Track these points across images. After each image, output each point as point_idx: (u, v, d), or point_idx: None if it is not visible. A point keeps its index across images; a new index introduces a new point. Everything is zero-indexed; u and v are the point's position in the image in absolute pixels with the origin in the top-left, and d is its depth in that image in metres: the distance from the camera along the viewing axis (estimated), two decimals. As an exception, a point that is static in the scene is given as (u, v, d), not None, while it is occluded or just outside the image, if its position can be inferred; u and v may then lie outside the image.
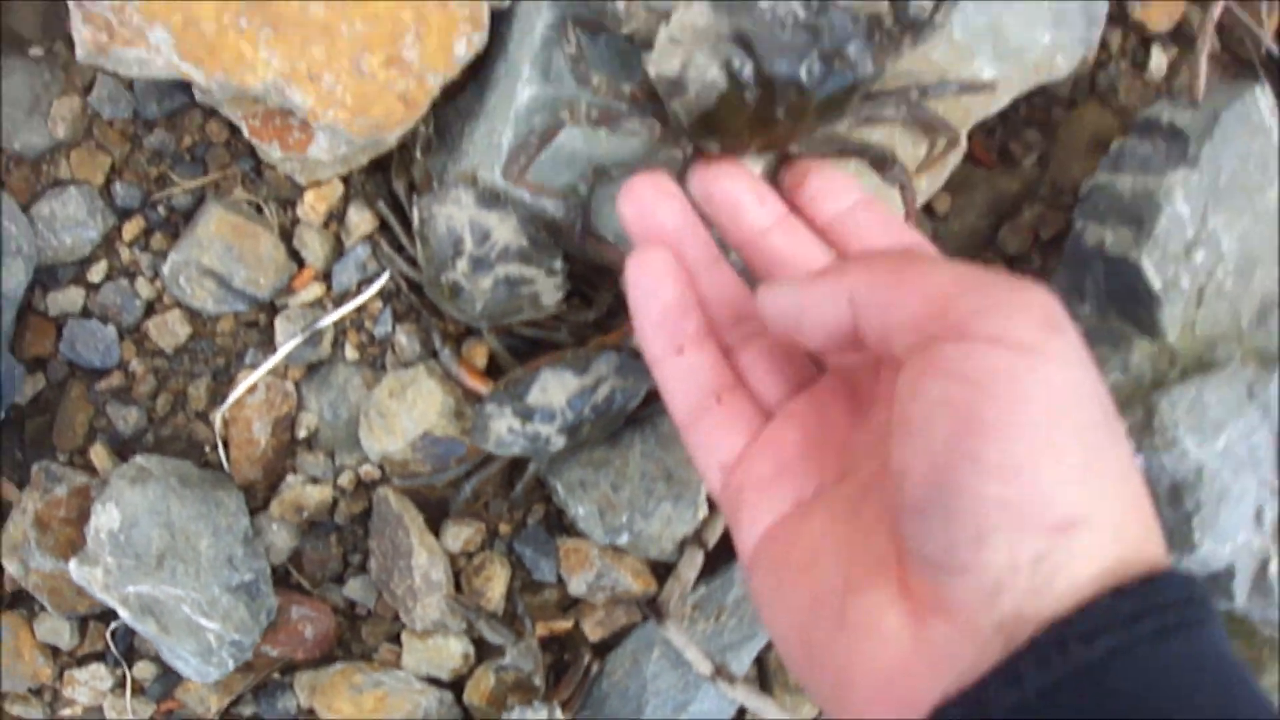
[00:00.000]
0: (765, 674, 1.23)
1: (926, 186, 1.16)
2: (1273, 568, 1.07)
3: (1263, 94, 1.12)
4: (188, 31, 0.99)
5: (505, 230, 1.05)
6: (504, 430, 1.06)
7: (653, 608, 1.14)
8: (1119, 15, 1.26)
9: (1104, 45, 1.28)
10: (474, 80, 1.08)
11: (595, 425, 1.08)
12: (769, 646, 1.20)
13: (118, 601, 1.12)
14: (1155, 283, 1.05)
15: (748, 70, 0.93)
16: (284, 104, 1.03)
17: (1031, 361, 0.56)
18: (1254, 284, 1.09)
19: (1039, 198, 1.26)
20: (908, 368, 0.61)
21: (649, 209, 0.82)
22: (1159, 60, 1.27)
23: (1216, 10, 1.19)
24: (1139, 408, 1.03)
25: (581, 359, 1.04)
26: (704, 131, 0.98)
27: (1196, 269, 1.07)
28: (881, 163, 1.09)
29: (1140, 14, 1.26)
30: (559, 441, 1.07)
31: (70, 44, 1.09)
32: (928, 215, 1.24)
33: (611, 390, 1.06)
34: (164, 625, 1.12)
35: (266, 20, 0.99)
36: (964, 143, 1.15)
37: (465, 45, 1.04)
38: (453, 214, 1.06)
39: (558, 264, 1.07)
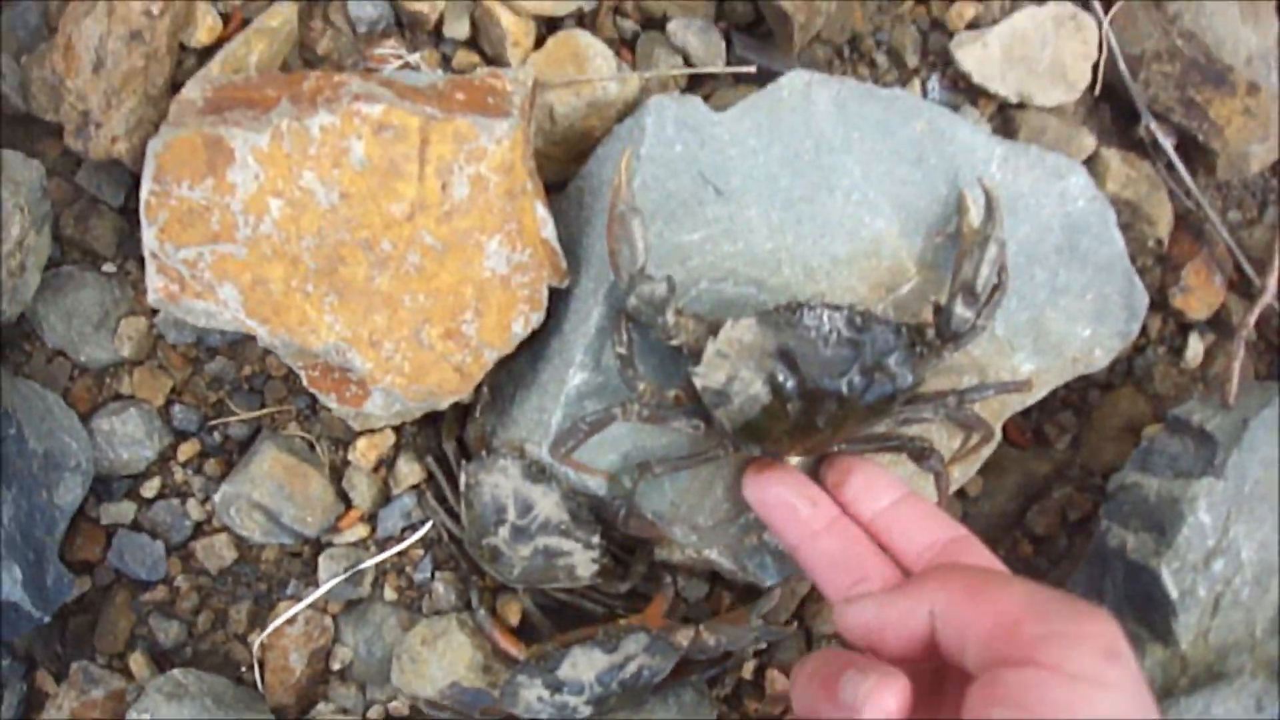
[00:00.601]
0: None
1: (959, 475, 1.19)
2: None
3: (1294, 395, 1.14)
4: (255, 290, 1.05)
5: (547, 504, 1.10)
6: (533, 699, 1.10)
7: None
8: (1158, 301, 1.30)
9: (1143, 331, 1.31)
10: (528, 348, 1.13)
11: (622, 698, 1.11)
12: None
13: (144, 814, 1.16)
14: (1173, 592, 1.07)
15: (791, 384, 0.98)
16: (344, 364, 1.09)
17: (1088, 692, 0.62)
18: (1271, 593, 1.10)
19: (1069, 479, 1.29)
20: (974, 692, 0.67)
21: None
22: (1196, 348, 1.31)
23: (1256, 311, 1.22)
24: None
25: (612, 637, 1.08)
26: (747, 437, 1.03)
27: (1215, 578, 1.09)
28: (919, 454, 1.13)
29: (1179, 301, 1.29)
30: (585, 711, 1.11)
31: (143, 265, 1.17)
32: (959, 498, 1.28)
33: (639, 668, 1.10)
34: None
35: (333, 287, 1.05)
36: (998, 435, 1.18)
37: (523, 323, 1.09)
38: (499, 483, 1.11)
39: (595, 539, 1.11)
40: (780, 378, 0.98)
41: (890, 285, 1.10)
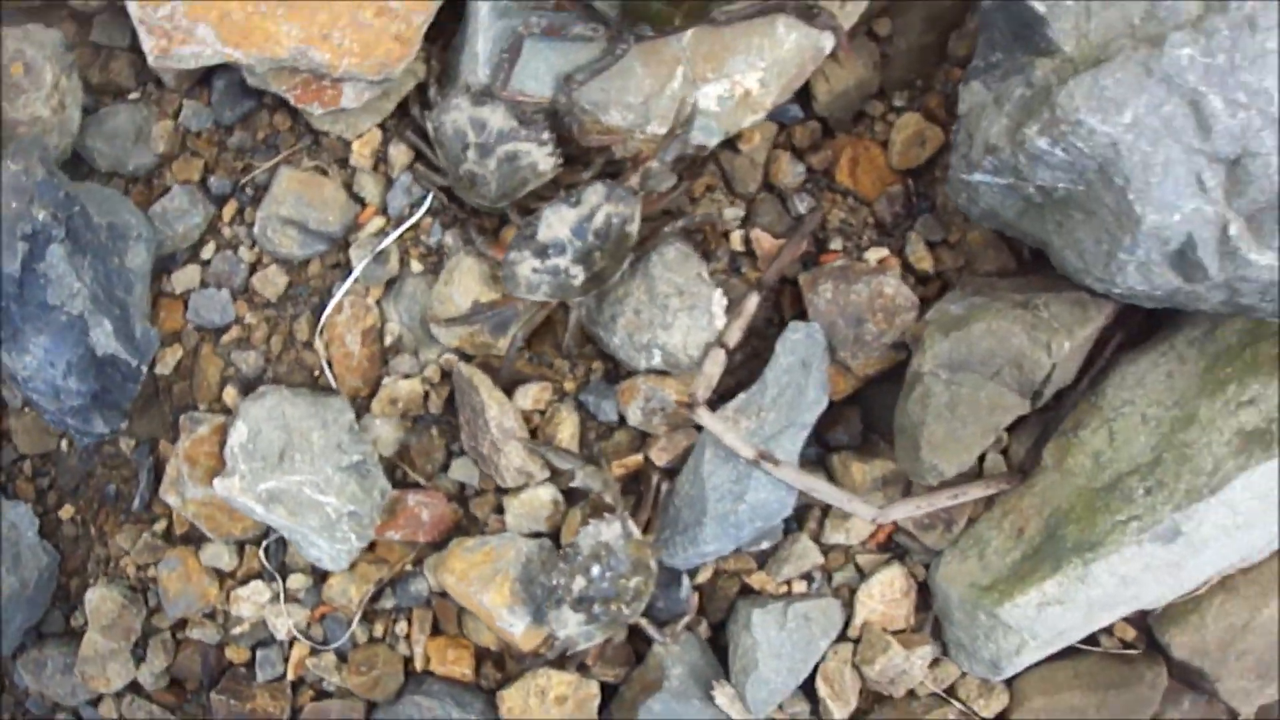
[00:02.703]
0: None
1: (851, 10, 1.46)
2: (1233, 229, 1.27)
3: None
4: (224, 23, 1.41)
5: (497, 117, 1.42)
6: (529, 272, 1.39)
7: (687, 404, 1.43)
8: None
9: None
10: (459, 26, 1.47)
11: (604, 252, 1.40)
12: (827, 431, 1.46)
13: (254, 501, 1.48)
14: (1039, 7, 1.31)
15: None
16: (310, 66, 1.44)
17: None
18: None
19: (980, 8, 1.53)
20: None
21: None
22: None
23: None
24: (1044, 109, 1.27)
25: (573, 194, 1.38)
26: (634, 18, 1.34)
27: None
28: (806, 12, 1.42)
29: None
30: (578, 273, 1.40)
31: (159, 83, 1.54)
32: (871, 39, 1.54)
33: (607, 216, 1.39)
34: (291, 510, 1.47)
35: (280, 1, 1.41)
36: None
37: (438, -18, 1.42)
38: (456, 117, 1.43)
39: (545, 134, 1.42)
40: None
41: None
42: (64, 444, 1.70)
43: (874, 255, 1.50)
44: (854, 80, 1.51)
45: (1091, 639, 1.53)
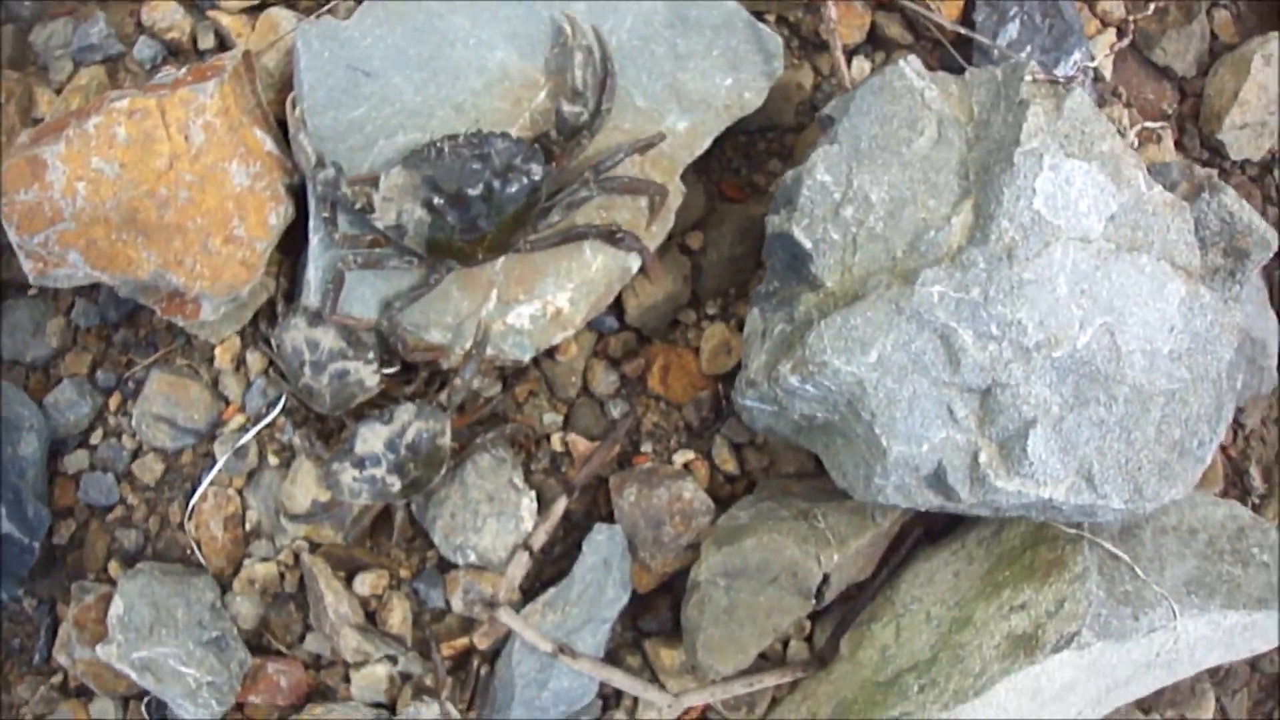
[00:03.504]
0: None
1: (658, 231, 1.61)
2: (983, 457, 1.40)
3: (908, 63, 1.49)
4: (90, 250, 1.61)
5: (328, 339, 1.60)
6: (350, 480, 1.57)
7: (490, 603, 1.60)
8: (815, 41, 1.67)
9: (817, 70, 1.69)
10: (304, 249, 1.65)
11: (418, 463, 1.57)
12: (641, 619, 1.62)
13: (128, 667, 1.68)
14: (806, 243, 1.44)
15: (440, 200, 1.47)
16: (169, 286, 1.63)
17: None
18: (903, 221, 1.43)
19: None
20: None
21: None
22: (862, 68, 1.68)
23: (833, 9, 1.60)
24: (797, 348, 1.41)
25: (386, 412, 1.56)
26: (439, 254, 1.51)
27: (847, 222, 1.44)
28: (609, 236, 1.57)
29: (832, 32, 1.65)
30: (394, 482, 1.57)
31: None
32: (683, 253, 1.69)
33: (418, 432, 1.56)
34: (159, 677, 1.67)
35: (139, 230, 1.60)
36: (679, 186, 1.60)
37: (276, 216, 1.61)
38: (294, 336, 1.61)
39: (370, 354, 1.60)
40: (433, 199, 1.47)
41: (529, 98, 1.57)
42: (-28, 604, 1.91)
43: (680, 458, 1.65)
44: (663, 294, 1.66)
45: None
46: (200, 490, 1.74)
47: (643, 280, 1.66)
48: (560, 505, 1.64)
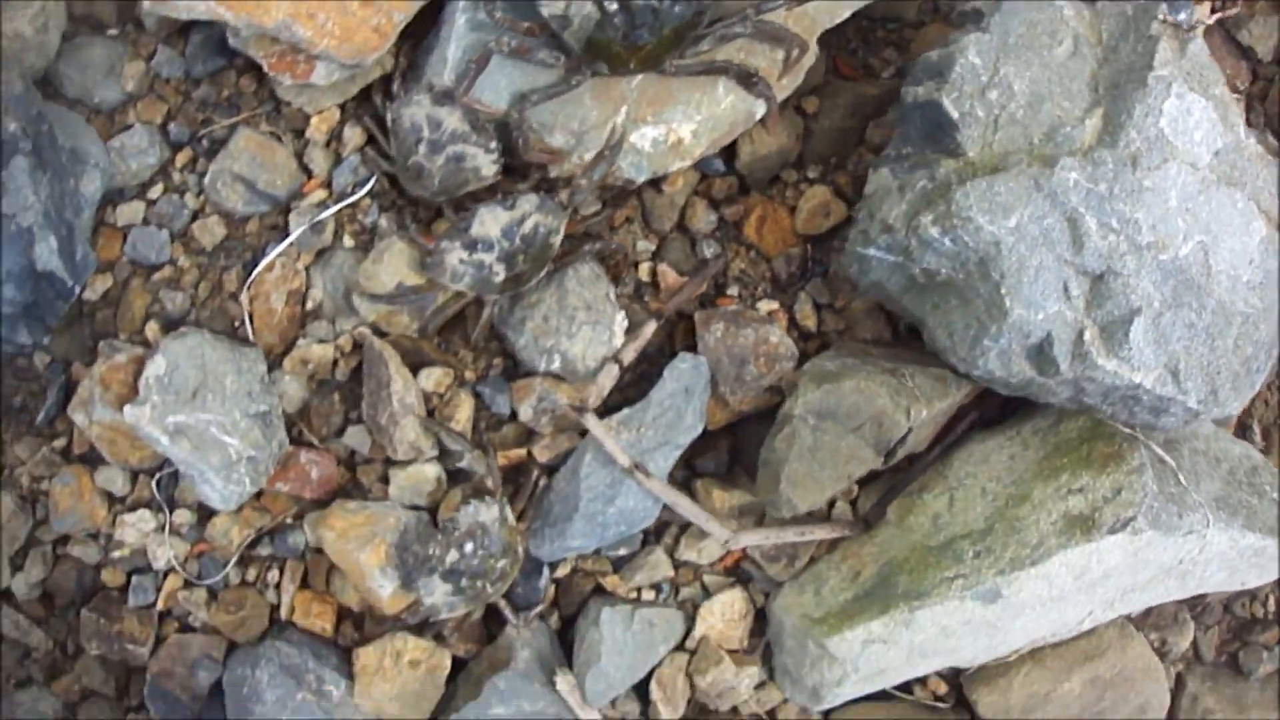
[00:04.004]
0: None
1: (787, 84, 1.65)
2: (1088, 335, 1.47)
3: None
4: (221, -18, 1.54)
5: (452, 120, 1.56)
6: (455, 262, 1.54)
7: (577, 408, 1.59)
8: None
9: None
10: (432, 30, 1.62)
11: (528, 257, 1.55)
12: (698, 458, 1.62)
13: (160, 431, 1.59)
14: (953, 113, 1.51)
15: (614, 4, 1.46)
16: (291, 39, 1.57)
17: None
18: (1041, 114, 1.53)
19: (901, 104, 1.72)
20: None
21: None
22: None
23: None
24: (940, 203, 1.47)
25: (509, 197, 1.53)
26: (593, 56, 1.50)
27: (991, 104, 1.53)
28: (746, 79, 1.59)
29: None
30: (499, 271, 1.55)
31: (139, 25, 1.67)
32: (798, 113, 1.72)
33: (536, 224, 1.54)
34: (195, 444, 1.59)
35: (277, -28, 1.55)
36: (814, 48, 1.64)
37: (419, -14, 1.58)
38: (414, 112, 1.58)
39: (494, 144, 1.57)
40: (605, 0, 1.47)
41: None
42: (-25, 350, 1.79)
43: (765, 306, 1.67)
44: (776, 147, 1.69)
45: (906, 687, 1.71)
46: (268, 259, 1.67)
47: (760, 130, 1.68)
48: (649, 328, 1.64)
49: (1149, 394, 1.50)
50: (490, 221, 1.54)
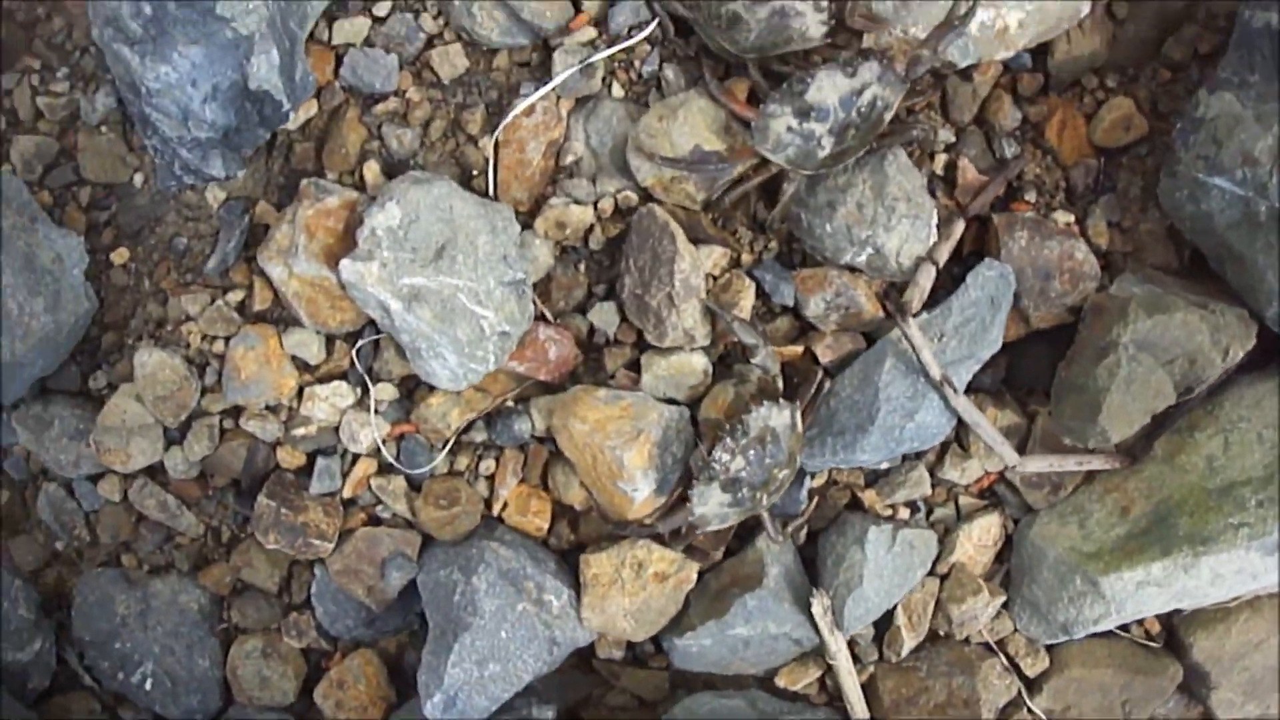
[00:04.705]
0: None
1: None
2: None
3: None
4: None
5: (785, -32, 1.31)
6: (783, 130, 1.30)
7: (897, 306, 1.37)
8: None
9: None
10: None
11: (858, 132, 1.32)
12: (984, 369, 1.43)
13: (389, 294, 1.30)
14: None
15: None
16: None
17: None
18: None
19: (1197, 21, 1.55)
20: None
21: None
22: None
23: None
24: None
25: (851, 63, 1.30)
26: None
27: None
28: None
29: None
30: (828, 145, 1.32)
31: None
32: (1109, 17, 1.52)
33: (874, 97, 1.32)
34: (438, 314, 1.31)
35: None
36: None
37: None
38: (741, -49, 1.31)
39: (825, 2, 1.32)
40: None
41: None
42: (137, 178, 1.44)
43: (1061, 218, 1.49)
44: (1089, 50, 1.50)
45: (1123, 626, 1.58)
46: (531, 99, 1.38)
47: (1078, 30, 1.48)
48: (959, 227, 1.43)
49: None
50: (829, 88, 1.30)
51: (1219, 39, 1.53)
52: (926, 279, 1.40)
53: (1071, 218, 1.50)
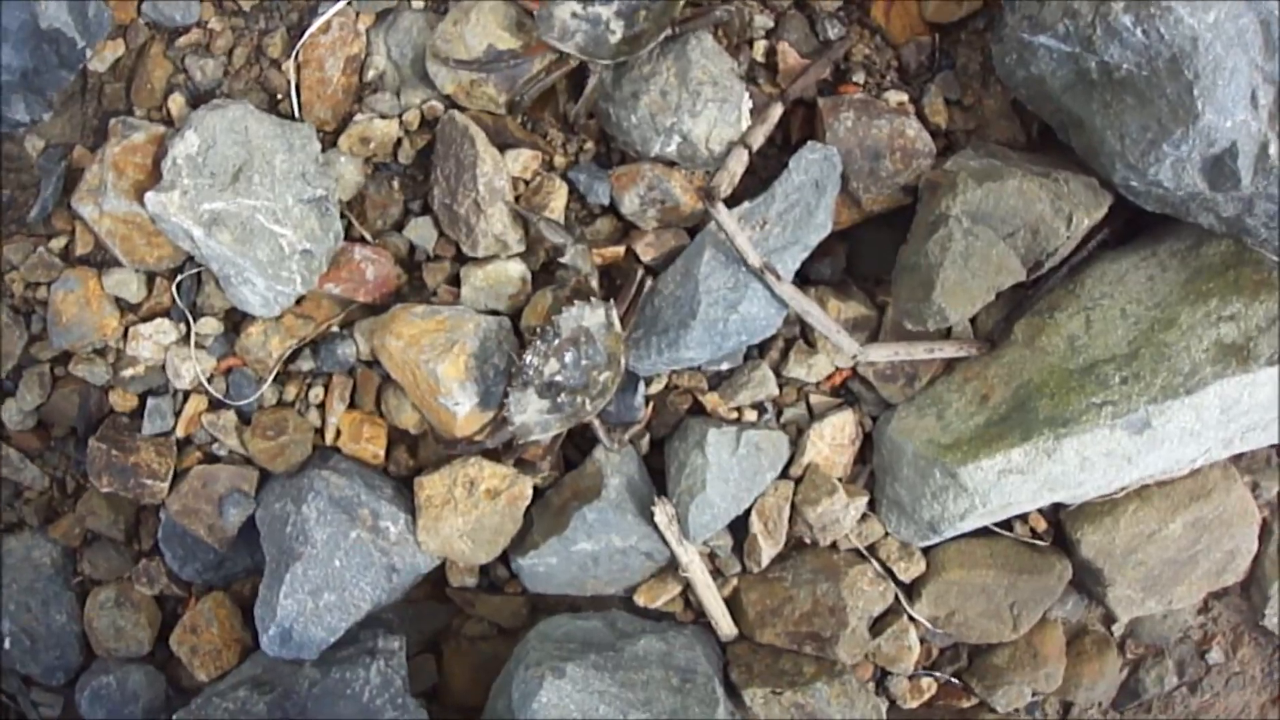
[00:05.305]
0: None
1: None
2: (1273, 150, 1.25)
3: None
4: None
5: None
6: (568, 16, 1.23)
7: (706, 193, 1.29)
8: None
9: None
10: None
11: (649, 14, 1.25)
12: (810, 262, 1.34)
13: (191, 221, 1.25)
14: None
15: None
16: None
17: None
18: None
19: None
20: None
21: None
22: None
23: None
24: None
25: (635, -59, 1.22)
26: None
27: None
28: None
29: None
30: (617, 29, 1.25)
31: None
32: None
33: (661, -26, 1.24)
34: (237, 237, 1.26)
35: None
36: None
37: None
38: None
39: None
40: None
41: None
42: (-50, 131, 1.40)
43: (893, 98, 1.40)
44: (911, -79, 1.42)
45: (1006, 524, 1.47)
46: (322, 19, 1.33)
47: (890, -100, 1.40)
48: (776, 110, 1.36)
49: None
50: (612, -33, 1.22)
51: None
52: (737, 163, 1.32)
53: (905, 97, 1.42)
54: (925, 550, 1.48)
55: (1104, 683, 1.59)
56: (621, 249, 1.36)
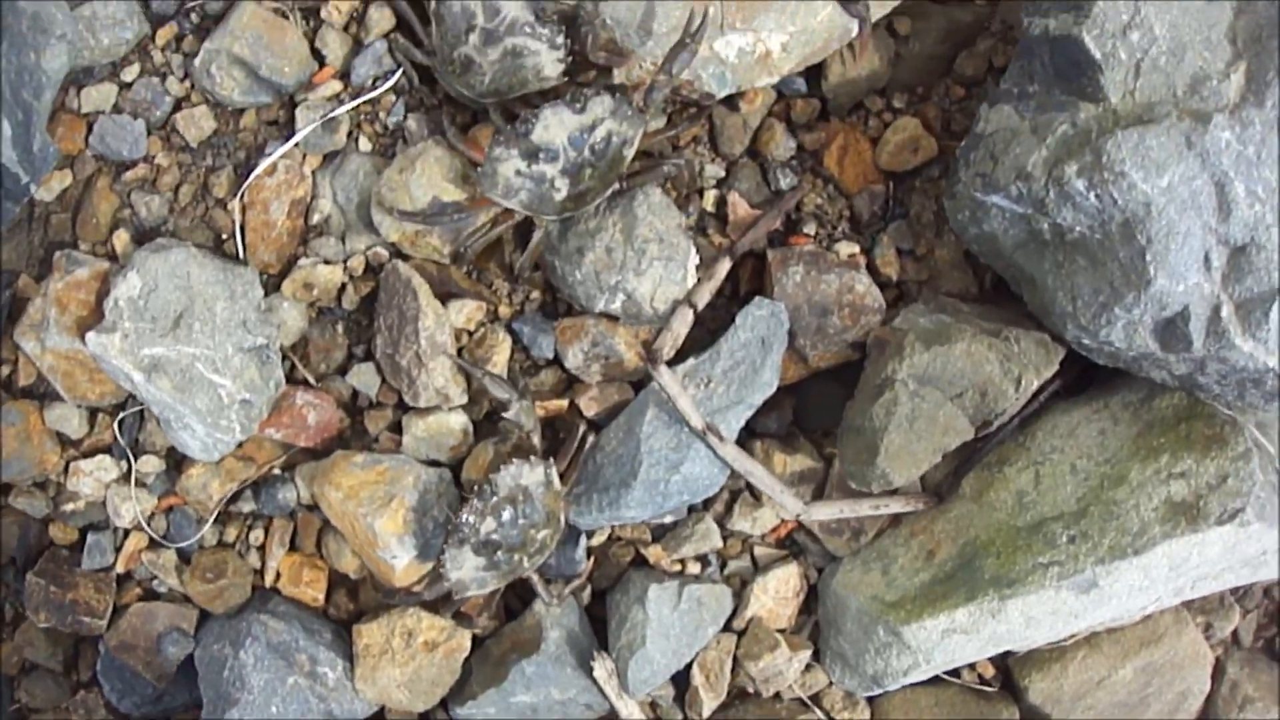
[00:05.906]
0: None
1: (883, 5, 1.31)
2: (1225, 312, 1.19)
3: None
4: None
5: (513, 7, 1.20)
6: (511, 174, 1.18)
7: (649, 354, 1.23)
8: None
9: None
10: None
11: (595, 172, 1.19)
12: (756, 416, 1.29)
13: (132, 366, 1.20)
14: (1096, 53, 1.21)
15: None
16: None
17: None
18: (1184, 63, 1.23)
19: (992, 33, 1.41)
20: None
21: None
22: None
23: None
24: (1087, 153, 1.19)
25: (579, 98, 1.17)
26: None
27: (1133, 46, 1.23)
28: None
29: None
30: (562, 187, 1.19)
31: None
32: (890, 34, 1.39)
33: (608, 133, 1.19)
34: (177, 384, 1.21)
35: None
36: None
37: None
38: (470, -6, 1.19)
39: (560, 39, 1.21)
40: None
41: None
42: (-107, 254, 1.35)
43: (845, 249, 1.35)
44: (868, 70, 1.39)
45: (954, 670, 1.41)
46: (270, 159, 1.28)
47: (849, 51, 1.34)
48: (723, 266, 1.30)
49: (1277, 378, 1.22)
50: (556, 126, 1.17)
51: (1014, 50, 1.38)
52: (681, 323, 1.27)
53: (856, 248, 1.36)
54: (870, 700, 1.43)
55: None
56: (565, 402, 1.31)
